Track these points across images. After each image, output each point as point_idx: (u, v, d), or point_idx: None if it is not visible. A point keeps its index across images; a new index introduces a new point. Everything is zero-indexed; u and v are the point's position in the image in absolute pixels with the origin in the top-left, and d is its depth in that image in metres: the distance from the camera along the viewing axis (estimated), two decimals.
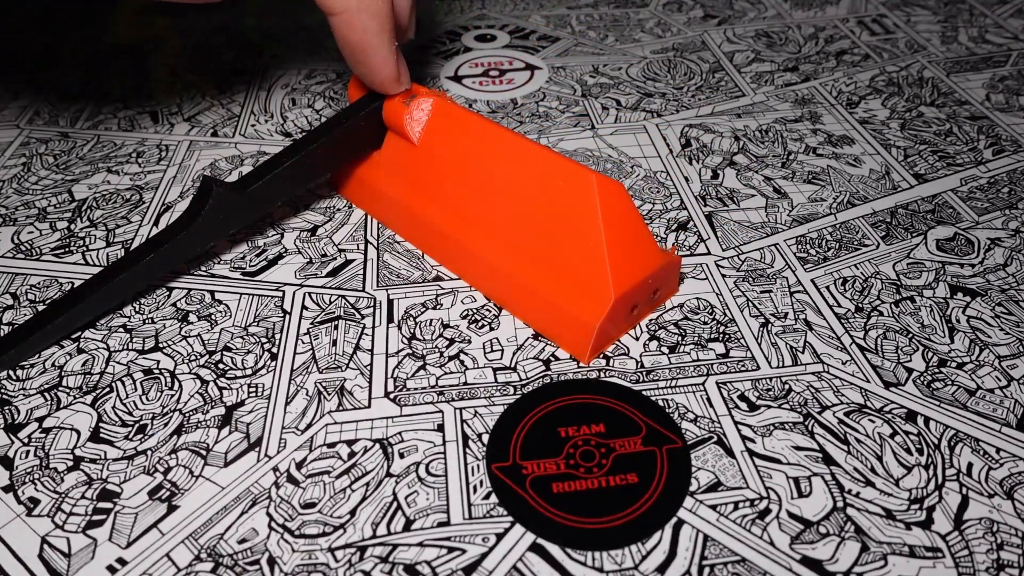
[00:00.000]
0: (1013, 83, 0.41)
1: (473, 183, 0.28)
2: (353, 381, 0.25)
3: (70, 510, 0.22)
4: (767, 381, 0.25)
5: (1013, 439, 0.23)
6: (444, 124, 0.29)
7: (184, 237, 0.26)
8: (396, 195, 0.30)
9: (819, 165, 0.35)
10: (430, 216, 0.29)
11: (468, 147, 0.28)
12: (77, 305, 0.26)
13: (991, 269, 0.29)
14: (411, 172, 0.30)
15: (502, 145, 0.27)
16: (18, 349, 0.25)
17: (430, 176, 0.29)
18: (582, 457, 0.23)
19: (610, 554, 0.21)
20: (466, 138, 0.28)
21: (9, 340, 0.25)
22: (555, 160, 0.26)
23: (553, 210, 0.25)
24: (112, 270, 0.26)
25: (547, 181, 0.26)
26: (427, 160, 0.29)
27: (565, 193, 0.25)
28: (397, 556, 0.21)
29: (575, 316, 0.25)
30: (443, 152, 0.29)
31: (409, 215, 0.30)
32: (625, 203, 0.25)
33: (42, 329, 0.25)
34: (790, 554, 0.20)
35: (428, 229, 0.29)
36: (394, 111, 0.29)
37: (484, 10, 0.49)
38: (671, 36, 0.46)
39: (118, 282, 0.26)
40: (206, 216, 0.26)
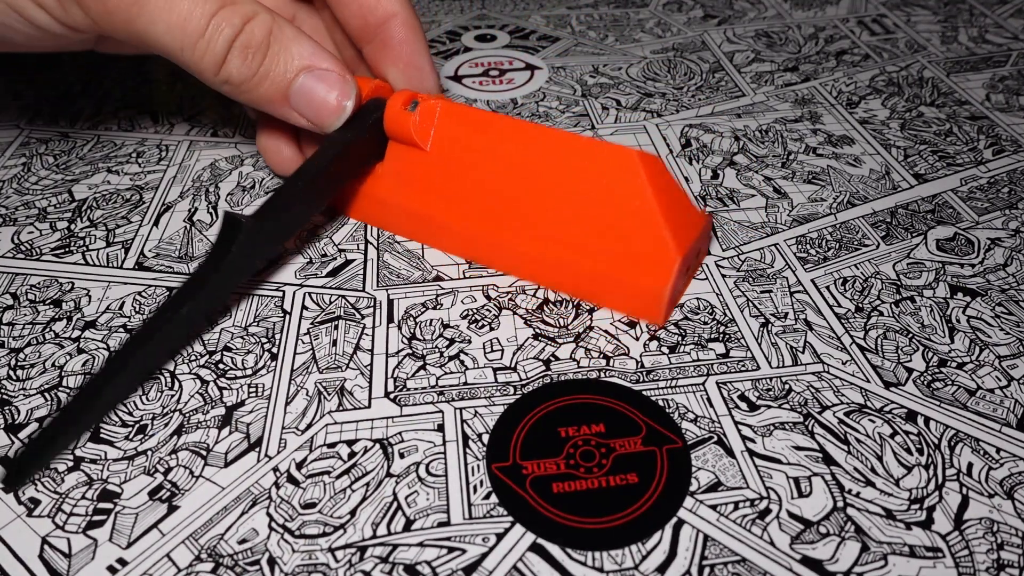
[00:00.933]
0: (1013, 83, 0.41)
1: (502, 179, 0.28)
2: (353, 381, 0.25)
3: (70, 510, 0.22)
4: (767, 381, 0.25)
5: (1013, 439, 0.23)
6: (456, 125, 0.28)
7: (217, 279, 0.24)
8: (415, 205, 0.29)
9: (819, 165, 0.35)
10: (462, 219, 0.29)
11: (489, 144, 0.28)
12: (117, 377, 0.23)
13: (991, 269, 0.29)
14: (427, 179, 0.29)
15: (527, 137, 0.27)
16: (56, 444, 0.23)
17: (451, 180, 0.28)
18: (582, 457, 0.23)
19: (610, 554, 0.21)
20: (485, 136, 0.28)
21: (49, 433, 0.22)
22: (589, 144, 0.26)
23: (596, 190, 0.26)
24: (148, 331, 0.24)
25: (584, 164, 0.26)
26: (444, 164, 0.28)
27: (607, 173, 0.26)
28: (397, 556, 0.21)
29: (644, 285, 0.26)
30: (461, 153, 0.28)
31: (436, 222, 0.29)
32: (665, 173, 0.26)
33: (80, 419, 0.23)
34: (790, 554, 0.20)
35: (462, 232, 0.29)
36: (398, 119, 0.28)
37: (484, 10, 0.49)
38: (671, 36, 0.46)
39: (157, 340, 0.24)
40: (236, 253, 0.24)
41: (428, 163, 0.29)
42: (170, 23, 0.24)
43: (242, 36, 0.25)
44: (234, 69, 0.26)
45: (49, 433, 0.22)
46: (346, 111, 0.27)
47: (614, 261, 0.26)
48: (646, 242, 0.26)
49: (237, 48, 0.25)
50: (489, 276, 0.29)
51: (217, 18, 0.25)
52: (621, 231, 0.26)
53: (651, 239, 0.26)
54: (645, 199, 0.25)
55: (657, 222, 0.25)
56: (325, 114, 0.27)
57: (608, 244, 0.26)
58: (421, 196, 0.29)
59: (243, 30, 0.25)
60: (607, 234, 0.26)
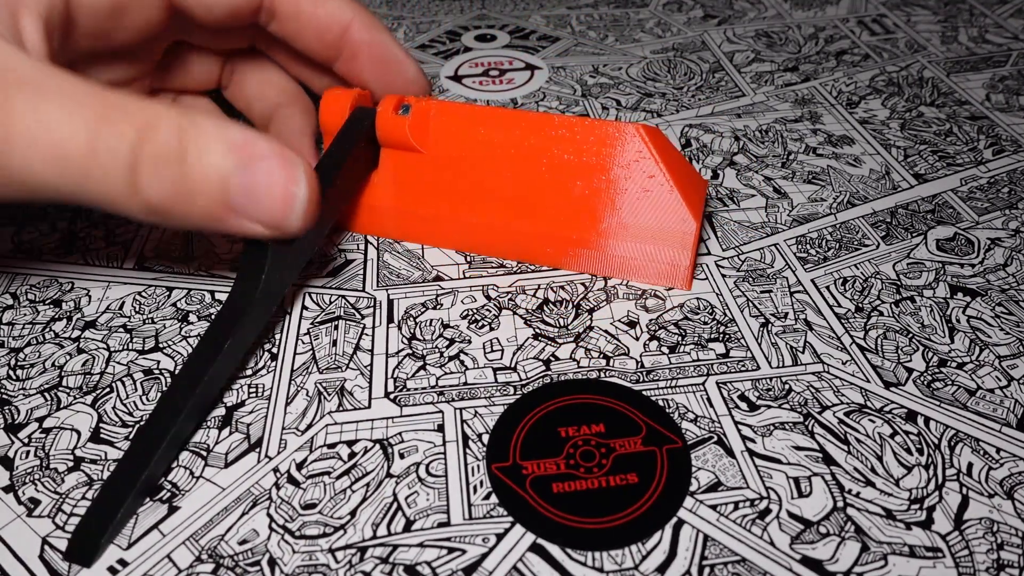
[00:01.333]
0: (1013, 83, 0.41)
1: (510, 169, 0.28)
2: (353, 381, 0.25)
3: (71, 511, 0.22)
4: (767, 381, 0.25)
5: (1013, 439, 0.23)
6: (452, 123, 0.28)
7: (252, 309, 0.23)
8: (424, 208, 0.29)
9: (819, 165, 0.35)
10: (476, 214, 0.29)
11: (489, 137, 0.28)
12: (174, 424, 0.22)
13: (991, 269, 0.29)
14: (430, 180, 0.29)
15: (527, 125, 0.27)
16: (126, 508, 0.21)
17: (456, 177, 0.28)
18: (582, 457, 0.23)
19: (610, 554, 0.21)
20: (484, 129, 0.28)
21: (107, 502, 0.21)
22: (591, 124, 0.27)
23: (605, 168, 0.27)
24: (195, 372, 0.22)
25: (587, 144, 0.27)
26: (445, 163, 0.28)
27: (613, 150, 0.27)
28: (397, 557, 0.21)
29: (666, 254, 0.27)
30: (462, 150, 0.28)
31: (449, 221, 0.29)
32: (667, 142, 0.27)
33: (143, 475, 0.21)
34: (790, 554, 0.20)
35: (478, 227, 0.29)
36: (392, 126, 0.28)
37: (484, 10, 0.49)
38: (671, 36, 0.46)
39: (206, 382, 0.22)
40: (267, 278, 0.23)
41: (428, 164, 0.29)
42: (47, 155, 0.19)
43: (145, 146, 0.19)
44: (151, 190, 0.20)
45: (112, 495, 0.21)
46: (298, 198, 0.21)
47: (634, 235, 0.27)
48: (662, 212, 0.27)
49: (143, 163, 0.19)
50: (489, 276, 0.29)
51: (104, 132, 0.19)
52: (635, 204, 0.27)
53: (667, 208, 0.27)
54: (656, 171, 0.26)
55: (671, 191, 0.26)
56: (278, 211, 0.21)
57: (625, 218, 0.27)
58: (428, 198, 0.29)
59: (144, 138, 0.19)
60: (622, 209, 0.27)
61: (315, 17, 0.28)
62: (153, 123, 0.20)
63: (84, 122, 0.19)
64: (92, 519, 0.21)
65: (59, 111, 0.19)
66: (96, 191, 0.20)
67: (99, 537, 0.20)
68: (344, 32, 0.28)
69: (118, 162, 0.19)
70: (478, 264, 0.30)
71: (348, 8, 0.28)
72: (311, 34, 0.28)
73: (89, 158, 0.19)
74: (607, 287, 0.29)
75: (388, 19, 0.48)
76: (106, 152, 0.19)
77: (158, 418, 0.22)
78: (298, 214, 0.21)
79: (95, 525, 0.21)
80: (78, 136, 0.19)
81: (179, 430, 0.22)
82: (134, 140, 0.19)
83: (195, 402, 0.22)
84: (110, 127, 0.19)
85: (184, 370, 0.23)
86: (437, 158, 0.28)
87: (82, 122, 0.19)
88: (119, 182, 0.20)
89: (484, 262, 0.30)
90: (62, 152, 0.19)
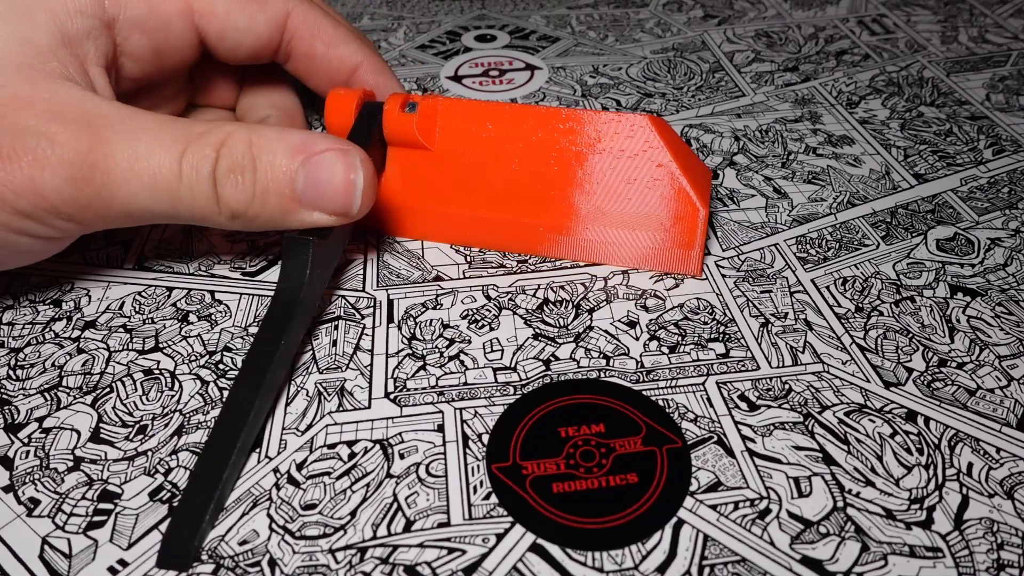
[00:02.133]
0: (1013, 83, 0.41)
1: (520, 163, 0.28)
2: (353, 381, 0.25)
3: (71, 511, 0.22)
4: (767, 381, 0.25)
5: (1013, 439, 0.23)
6: (460, 120, 0.28)
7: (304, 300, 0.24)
8: (437, 205, 0.29)
9: (819, 165, 0.35)
10: (489, 209, 0.29)
11: (498, 132, 0.28)
12: (244, 426, 0.22)
13: (991, 269, 0.29)
14: (440, 177, 0.29)
15: (534, 119, 0.28)
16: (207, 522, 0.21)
17: (467, 173, 0.29)
18: (582, 457, 0.23)
19: (610, 554, 0.21)
20: (492, 124, 0.28)
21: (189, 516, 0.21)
22: (596, 116, 0.27)
23: (614, 159, 0.27)
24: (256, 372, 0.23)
25: (595, 136, 0.27)
26: (455, 159, 0.29)
27: (622, 141, 0.27)
28: (397, 557, 0.21)
29: (677, 241, 0.28)
30: (471, 146, 0.28)
31: (462, 217, 0.29)
32: (672, 132, 0.28)
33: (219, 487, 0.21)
34: (790, 554, 0.20)
35: (491, 222, 0.29)
36: (399, 124, 0.28)
37: (484, 10, 0.49)
38: (671, 36, 0.46)
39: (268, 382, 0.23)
40: (312, 274, 0.24)
41: (437, 161, 0.29)
42: (143, 184, 0.22)
43: (221, 162, 0.23)
44: (232, 199, 0.23)
45: (195, 498, 0.21)
46: (357, 185, 0.24)
47: (645, 224, 0.28)
48: (670, 200, 0.27)
49: (223, 176, 0.23)
50: (489, 276, 0.29)
51: (187, 155, 0.22)
52: (645, 194, 0.27)
53: (674, 196, 0.27)
54: (664, 159, 0.27)
55: (679, 181, 0.27)
56: (340, 199, 0.24)
57: (635, 208, 0.28)
58: (438, 195, 0.29)
59: (220, 155, 0.23)
60: (633, 199, 0.28)
61: (326, 59, 0.30)
62: (225, 141, 0.23)
63: (169, 151, 0.22)
64: (181, 522, 0.21)
65: (147, 145, 0.22)
66: (186, 209, 0.23)
67: (192, 540, 0.20)
68: (352, 74, 0.30)
69: (202, 180, 0.23)
70: (478, 264, 0.30)
71: (358, 52, 0.30)
72: (322, 76, 0.30)
73: (177, 181, 0.22)
74: (607, 287, 0.29)
75: (388, 19, 0.48)
76: (190, 173, 0.22)
77: (228, 420, 0.22)
78: (359, 199, 0.24)
79: (185, 529, 0.20)
80: (165, 164, 0.22)
81: (248, 433, 0.22)
82: (212, 158, 0.22)
83: (259, 403, 0.22)
84: (192, 151, 0.22)
85: (244, 370, 0.23)
86: (446, 155, 0.29)
87: (167, 152, 0.22)
88: (205, 197, 0.23)
89: (484, 262, 0.30)
90: (154, 181, 0.22)
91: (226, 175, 0.23)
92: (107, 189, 0.22)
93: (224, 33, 0.27)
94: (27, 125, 0.22)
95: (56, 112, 0.22)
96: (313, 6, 0.29)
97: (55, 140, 0.22)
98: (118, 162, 0.22)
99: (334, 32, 0.29)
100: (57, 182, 0.22)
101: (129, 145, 0.22)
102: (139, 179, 0.22)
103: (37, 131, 0.22)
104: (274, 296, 0.24)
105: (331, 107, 0.29)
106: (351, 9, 0.49)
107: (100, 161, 0.22)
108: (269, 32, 0.28)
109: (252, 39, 0.28)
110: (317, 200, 0.23)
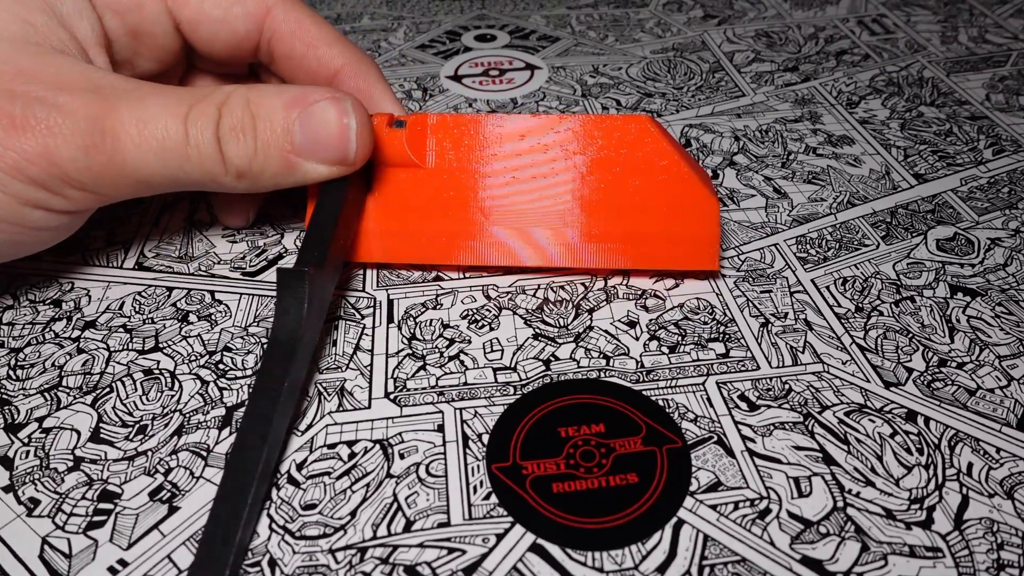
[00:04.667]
0: (1013, 83, 0.41)
1: (518, 175, 0.27)
2: (353, 381, 0.25)
3: (70, 511, 0.22)
4: (767, 381, 0.25)
5: (1013, 439, 0.23)
6: (453, 134, 0.27)
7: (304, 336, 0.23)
8: (435, 225, 0.28)
9: (819, 165, 0.35)
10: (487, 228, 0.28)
11: (494, 143, 0.27)
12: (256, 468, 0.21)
13: (991, 269, 0.29)
14: (436, 195, 0.27)
15: (529, 128, 0.27)
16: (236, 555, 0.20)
17: (464, 189, 0.27)
18: (582, 457, 0.23)
19: (610, 554, 0.21)
20: (486, 136, 0.27)
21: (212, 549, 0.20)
22: (594, 120, 0.27)
23: (617, 162, 0.27)
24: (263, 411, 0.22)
25: (595, 140, 0.27)
26: (450, 175, 0.27)
27: (623, 142, 0.27)
28: (397, 557, 0.21)
29: (693, 238, 0.27)
30: (466, 161, 0.27)
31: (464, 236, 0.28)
32: (668, 133, 0.27)
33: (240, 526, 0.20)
34: (790, 554, 0.20)
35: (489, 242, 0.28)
36: (389, 141, 0.27)
37: (484, 10, 0.49)
38: (671, 36, 0.46)
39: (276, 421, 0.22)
40: (311, 305, 0.23)
41: (430, 179, 0.27)
42: (152, 148, 0.23)
43: (223, 121, 0.23)
44: (236, 157, 0.23)
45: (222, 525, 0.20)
46: (352, 128, 0.24)
47: (658, 223, 0.27)
48: (679, 197, 0.27)
49: (225, 136, 0.23)
50: (489, 276, 0.29)
51: (191, 117, 0.23)
52: (655, 193, 0.27)
53: (684, 193, 0.27)
54: (667, 157, 0.26)
55: (688, 176, 0.27)
56: (336, 145, 0.24)
57: (647, 208, 0.27)
58: (438, 214, 0.28)
59: (222, 115, 0.23)
60: (643, 198, 0.27)
61: (306, 60, 0.29)
62: (225, 101, 0.23)
63: (175, 116, 0.23)
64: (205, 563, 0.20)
65: (155, 110, 0.23)
66: (195, 171, 0.23)
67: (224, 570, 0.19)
68: (334, 77, 0.29)
69: (207, 141, 0.23)
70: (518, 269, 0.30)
71: (340, 55, 0.29)
72: (303, 78, 0.29)
73: (184, 144, 0.23)
74: (607, 287, 0.29)
75: (388, 19, 0.48)
76: (196, 135, 0.23)
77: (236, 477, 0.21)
78: (354, 142, 0.24)
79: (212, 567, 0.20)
80: (172, 127, 0.23)
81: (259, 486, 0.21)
82: (215, 118, 0.23)
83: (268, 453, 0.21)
84: (195, 113, 0.23)
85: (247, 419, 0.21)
86: (440, 172, 0.27)
87: (173, 116, 0.23)
88: (211, 158, 0.23)
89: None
90: (162, 144, 0.23)
91: (228, 134, 0.23)
92: (119, 155, 0.22)
93: (198, 22, 0.27)
94: (37, 96, 0.22)
95: (64, 84, 0.22)
96: (296, 5, 0.29)
97: (65, 109, 0.22)
98: (127, 128, 0.22)
99: (316, 32, 0.29)
100: (70, 151, 0.22)
101: (137, 111, 0.22)
102: (148, 144, 0.23)
103: (46, 101, 0.22)
104: (272, 336, 0.23)
105: None
106: (351, 9, 0.49)
107: (110, 128, 0.22)
108: (246, 27, 0.28)
109: (228, 32, 0.28)
110: (315, 150, 0.24)
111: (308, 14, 0.29)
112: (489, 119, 0.27)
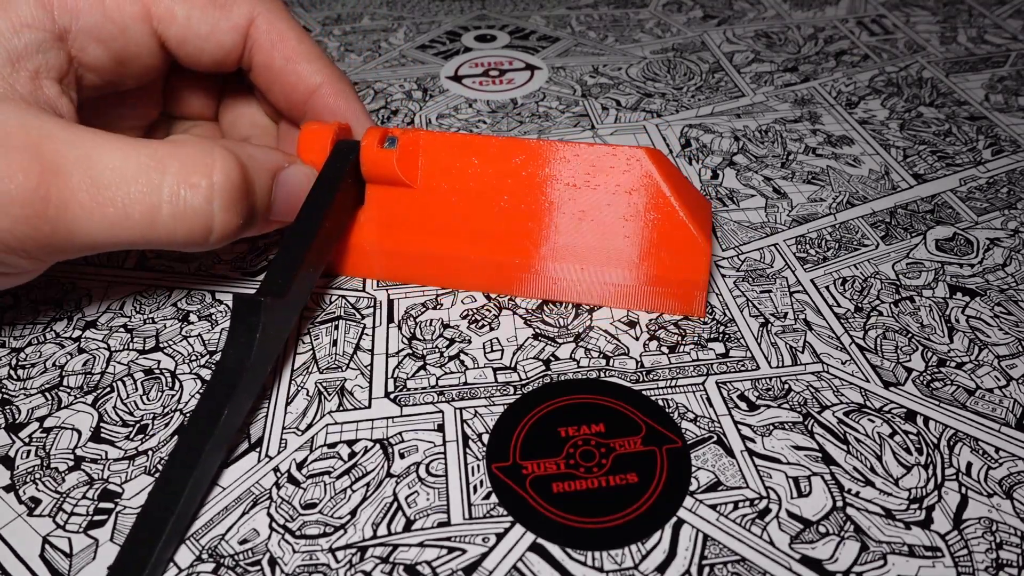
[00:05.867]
0: (1012, 83, 0.41)
1: (509, 200, 0.26)
2: (353, 381, 0.25)
3: (71, 510, 0.22)
4: (767, 381, 0.25)
5: (1012, 439, 0.23)
6: (443, 154, 0.26)
7: (252, 368, 0.22)
8: (423, 246, 0.27)
9: (819, 165, 0.35)
10: (478, 250, 0.27)
11: (484, 167, 0.26)
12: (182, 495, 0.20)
13: (990, 269, 0.29)
14: (425, 216, 0.27)
15: (522, 152, 0.26)
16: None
17: (453, 212, 0.27)
18: (582, 457, 0.23)
19: (610, 554, 0.21)
20: (477, 159, 0.26)
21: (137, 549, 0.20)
22: (591, 150, 0.26)
23: (609, 195, 0.26)
24: (195, 441, 0.21)
25: (591, 171, 0.26)
26: (439, 197, 0.27)
27: (617, 175, 0.26)
28: (397, 556, 0.21)
29: (680, 281, 0.26)
30: (456, 182, 0.27)
31: (452, 259, 0.28)
32: (670, 165, 0.26)
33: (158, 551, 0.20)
34: (790, 554, 0.20)
35: (481, 266, 0.27)
36: (379, 161, 0.26)
37: (484, 10, 0.49)
38: (671, 36, 0.46)
39: (207, 454, 0.21)
40: (263, 336, 0.22)
41: (420, 199, 0.27)
42: (108, 216, 0.21)
43: (221, 194, 0.22)
44: (224, 225, 0.23)
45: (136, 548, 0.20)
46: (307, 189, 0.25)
47: (644, 264, 0.26)
48: (670, 238, 0.26)
49: (219, 202, 0.22)
50: None
51: (168, 183, 0.21)
52: (643, 231, 0.26)
53: (674, 234, 0.26)
54: (660, 195, 0.25)
55: (677, 216, 0.25)
56: (296, 205, 0.25)
57: (634, 246, 0.26)
58: (426, 235, 0.27)
59: (224, 181, 0.22)
60: (630, 236, 0.26)
61: (284, 74, 0.28)
62: (220, 167, 0.22)
63: (141, 181, 0.21)
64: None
65: (111, 174, 0.21)
66: (166, 236, 0.22)
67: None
68: (311, 96, 0.28)
69: (194, 208, 0.21)
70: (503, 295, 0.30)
71: (319, 73, 0.28)
72: (279, 91, 0.28)
73: (156, 210, 0.21)
74: None
75: (388, 19, 0.48)
76: (176, 202, 0.21)
77: (157, 502, 0.20)
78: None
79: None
80: (138, 195, 0.21)
81: (177, 520, 0.20)
82: (207, 186, 0.22)
83: (192, 486, 0.21)
84: (174, 178, 0.21)
85: (178, 447, 0.21)
86: (429, 192, 0.27)
87: (143, 179, 0.21)
88: (197, 225, 0.22)
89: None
90: (123, 211, 0.21)
91: (222, 200, 0.22)
92: (64, 224, 0.20)
93: (185, 39, 0.26)
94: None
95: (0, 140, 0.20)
96: (280, 16, 0.27)
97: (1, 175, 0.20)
98: (75, 193, 0.20)
99: (297, 47, 0.28)
100: (8, 222, 0.20)
101: (87, 173, 0.20)
102: (103, 211, 0.21)
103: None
104: (218, 363, 0.22)
105: (304, 143, 0.27)
106: (351, 9, 0.49)
107: (54, 194, 0.20)
108: (232, 39, 0.27)
109: (214, 47, 0.26)
110: (282, 212, 0.25)
111: (292, 27, 0.28)
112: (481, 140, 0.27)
